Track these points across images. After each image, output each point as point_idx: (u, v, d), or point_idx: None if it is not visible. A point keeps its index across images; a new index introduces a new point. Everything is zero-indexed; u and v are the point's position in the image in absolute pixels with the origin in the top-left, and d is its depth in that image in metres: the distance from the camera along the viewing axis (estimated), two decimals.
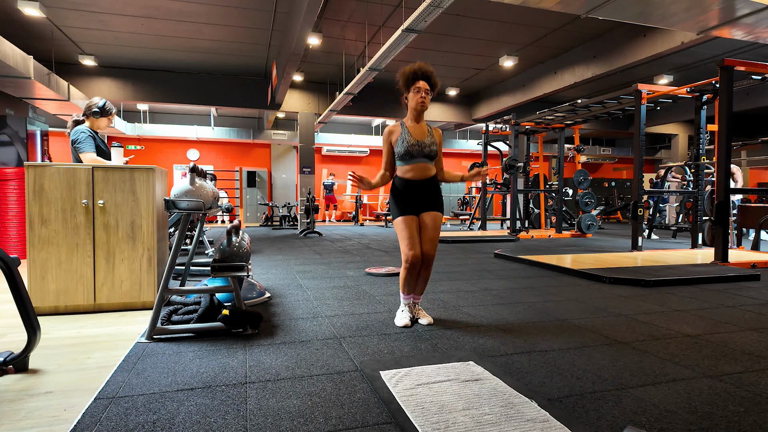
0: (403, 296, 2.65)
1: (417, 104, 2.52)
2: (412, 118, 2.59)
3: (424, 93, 2.51)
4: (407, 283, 2.58)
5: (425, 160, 2.55)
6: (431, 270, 2.67)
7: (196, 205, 2.45)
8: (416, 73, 2.52)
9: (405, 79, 2.54)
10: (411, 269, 2.52)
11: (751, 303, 3.16)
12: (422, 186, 2.57)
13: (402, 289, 2.63)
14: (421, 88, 2.51)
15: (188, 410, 1.53)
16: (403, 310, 2.66)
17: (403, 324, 2.58)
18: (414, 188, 2.56)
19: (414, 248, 2.50)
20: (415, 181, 2.55)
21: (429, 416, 1.47)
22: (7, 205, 5.11)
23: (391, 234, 9.52)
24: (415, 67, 2.53)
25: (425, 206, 2.58)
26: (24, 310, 1.84)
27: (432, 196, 2.59)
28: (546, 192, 10.20)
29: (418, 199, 2.57)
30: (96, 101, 3.31)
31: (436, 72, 2.58)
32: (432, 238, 2.57)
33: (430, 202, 2.59)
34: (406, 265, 2.52)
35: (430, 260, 2.58)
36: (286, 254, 5.86)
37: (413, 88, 2.53)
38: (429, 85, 2.54)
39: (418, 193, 2.56)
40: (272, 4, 7.00)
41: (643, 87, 6.10)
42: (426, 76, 2.52)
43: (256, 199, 15.24)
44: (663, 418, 1.49)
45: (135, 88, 10.33)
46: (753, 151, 15.28)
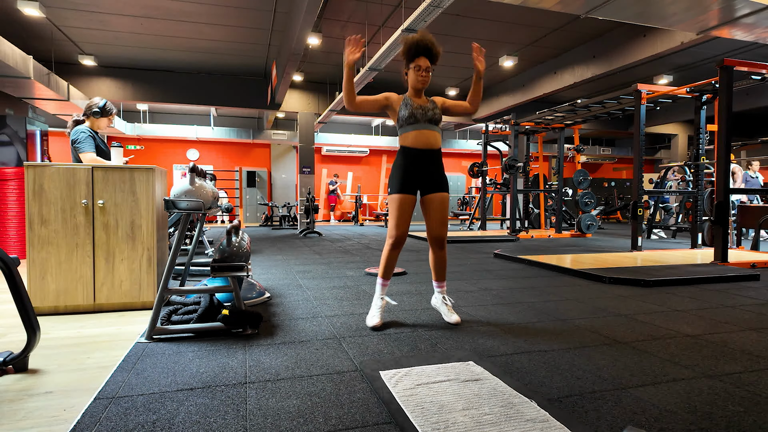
0: (381, 282, 2.55)
1: (417, 82, 2.49)
2: (412, 95, 2.56)
3: (425, 71, 2.48)
4: (387, 264, 2.50)
5: (430, 126, 2.48)
6: (446, 251, 2.61)
7: (196, 205, 2.45)
8: (418, 46, 2.45)
9: (406, 51, 2.48)
10: (395, 247, 2.47)
11: (751, 303, 3.16)
12: (427, 158, 2.49)
13: (381, 273, 2.52)
14: (421, 66, 2.47)
15: (188, 410, 1.53)
16: (377, 305, 2.54)
17: (372, 324, 2.46)
18: (419, 160, 2.48)
19: (402, 227, 2.44)
20: (420, 152, 2.47)
21: (429, 416, 1.47)
22: (7, 205, 5.11)
23: None
24: (417, 38, 2.46)
25: (430, 186, 2.52)
26: (23, 310, 1.84)
27: (436, 174, 2.52)
28: (546, 192, 10.20)
29: (421, 174, 2.49)
30: (96, 101, 3.31)
31: (437, 43, 2.51)
32: (442, 220, 2.52)
33: (435, 181, 2.52)
34: (390, 242, 2.45)
35: (443, 242, 2.54)
36: (286, 254, 5.86)
37: (413, 66, 2.48)
38: (430, 59, 2.49)
39: (423, 166, 2.49)
40: (272, 4, 7.00)
41: (643, 87, 6.10)
42: (427, 48, 2.46)
43: (255, 199, 15.24)
44: (663, 418, 1.49)
45: (135, 88, 10.33)
46: (753, 151, 15.28)
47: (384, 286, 2.58)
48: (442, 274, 2.63)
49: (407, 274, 4.31)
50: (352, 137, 15.60)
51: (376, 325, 2.47)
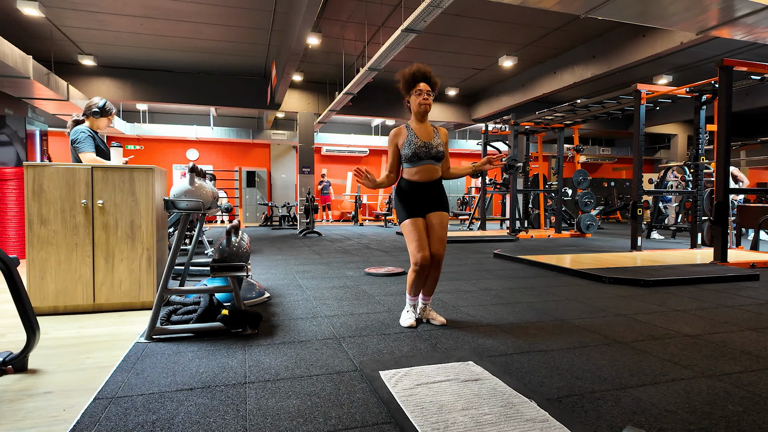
0: (410, 297, 2.64)
1: (420, 106, 2.53)
2: (416, 120, 2.59)
3: (426, 95, 2.52)
4: (415, 285, 2.57)
5: (432, 162, 2.55)
6: (441, 270, 2.66)
7: (196, 205, 2.45)
8: (415, 75, 2.53)
9: (405, 82, 2.55)
10: (420, 272, 2.50)
11: (750, 303, 3.16)
12: (428, 188, 2.57)
13: (409, 291, 2.62)
14: (422, 91, 2.52)
15: (187, 410, 1.53)
16: (408, 310, 2.65)
17: (408, 324, 2.57)
18: (420, 190, 2.56)
19: (423, 250, 2.48)
20: (421, 184, 2.55)
21: (428, 416, 1.47)
22: (7, 205, 5.11)
23: (390, 234, 9.53)
24: (414, 69, 2.54)
25: (431, 207, 2.58)
26: (23, 310, 1.84)
27: (438, 197, 2.59)
28: (545, 192, 10.20)
29: (424, 200, 2.56)
30: (96, 101, 3.31)
31: (434, 72, 2.59)
32: (440, 238, 2.56)
33: (436, 202, 2.58)
34: (415, 268, 2.50)
35: (440, 260, 2.57)
36: (286, 254, 5.86)
37: (414, 91, 2.54)
38: (429, 86, 2.54)
39: (424, 195, 2.56)
40: (272, 4, 7.00)
41: (643, 87, 6.11)
42: (425, 77, 2.53)
43: (255, 199, 15.23)
44: (662, 418, 1.49)
45: (134, 88, 10.32)
46: (752, 151, 15.29)
47: (412, 301, 2.66)
48: (431, 290, 2.68)
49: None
50: (351, 137, 15.59)
51: (411, 324, 2.56)
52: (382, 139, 15.99)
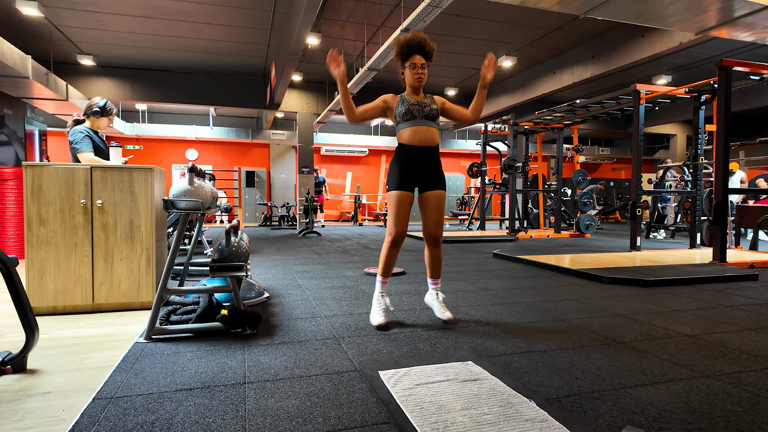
0: (380, 279, 2.55)
1: (414, 81, 2.49)
2: (410, 93, 2.56)
3: (420, 69, 2.48)
4: (387, 261, 2.49)
5: (427, 122, 2.48)
6: (442, 249, 2.63)
7: (195, 205, 2.45)
8: (411, 44, 2.46)
9: (400, 51, 2.49)
10: (393, 244, 2.47)
11: (749, 303, 3.17)
12: (425, 155, 2.48)
13: (380, 270, 2.52)
14: (416, 64, 2.47)
15: (187, 410, 1.53)
16: (379, 301, 2.53)
17: (378, 323, 2.46)
18: (416, 157, 2.48)
19: (400, 225, 2.44)
20: (418, 149, 2.47)
21: (428, 416, 1.47)
22: (6, 205, 5.10)
23: None
24: (409, 37, 2.47)
25: (428, 184, 2.52)
26: (22, 310, 1.84)
27: (434, 171, 2.52)
28: (545, 192, 10.21)
29: (419, 171, 2.49)
30: (96, 101, 3.31)
31: (430, 40, 2.51)
32: (437, 219, 2.52)
33: (433, 178, 2.52)
34: (389, 239, 2.45)
35: (438, 239, 2.55)
36: (285, 254, 5.86)
37: (408, 64, 2.49)
38: (425, 57, 2.49)
39: (421, 163, 2.48)
40: (271, 4, 6.99)
41: (642, 87, 6.11)
42: (420, 47, 2.47)
43: (254, 199, 15.23)
44: (661, 418, 1.49)
45: (134, 88, 10.32)
46: (751, 152, 15.30)
47: (384, 284, 2.58)
48: (437, 272, 2.64)
49: (406, 274, 4.31)
50: (351, 137, 15.59)
51: (381, 323, 2.47)
52: (382, 138, 16.00)
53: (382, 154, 16.92)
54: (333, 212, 16.48)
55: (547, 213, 10.92)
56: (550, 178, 11.01)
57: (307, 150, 11.63)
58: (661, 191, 6.41)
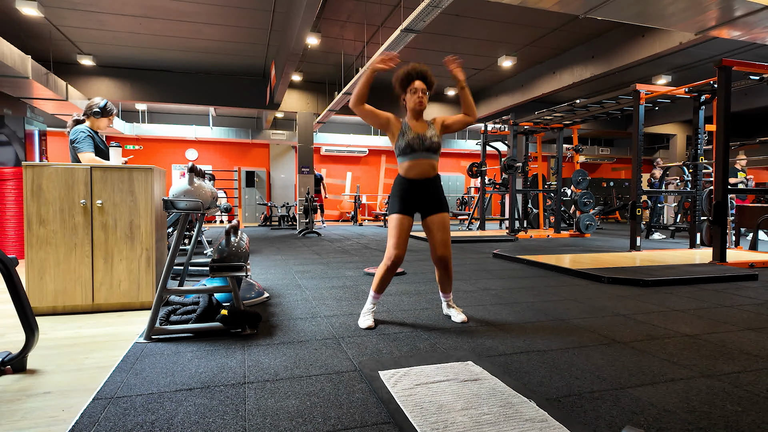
0: (373, 295, 2.60)
1: (415, 104, 2.50)
2: (411, 118, 2.57)
3: (421, 93, 2.49)
4: (381, 282, 2.54)
5: (428, 155, 2.50)
6: (451, 268, 2.64)
7: (195, 205, 2.45)
8: (410, 73, 2.50)
9: (400, 81, 2.52)
10: (391, 268, 2.49)
11: (749, 303, 3.17)
12: (424, 186, 2.53)
13: (374, 287, 2.57)
14: (417, 89, 2.49)
15: (187, 410, 1.53)
16: (369, 309, 2.60)
17: (366, 326, 2.52)
18: (416, 188, 2.52)
19: (399, 248, 2.46)
20: (417, 181, 2.51)
21: (428, 416, 1.47)
22: (5, 205, 5.10)
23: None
24: (409, 68, 2.51)
25: (430, 208, 2.54)
26: (22, 311, 1.84)
27: (435, 197, 2.55)
28: (544, 192, 10.21)
29: (420, 199, 2.53)
30: (97, 101, 3.31)
31: (430, 70, 2.56)
32: (444, 241, 2.55)
33: (434, 203, 2.54)
34: (387, 263, 2.47)
35: (447, 261, 2.57)
36: (285, 254, 5.86)
37: (409, 90, 2.51)
38: (425, 84, 2.51)
39: (420, 193, 2.52)
40: (271, 4, 6.99)
41: (642, 87, 6.11)
42: (421, 75, 2.50)
43: (254, 199, 15.23)
44: (661, 418, 1.49)
45: (133, 88, 10.31)
46: (751, 152, 15.31)
47: (375, 299, 2.62)
48: (447, 288, 2.69)
49: (406, 274, 4.31)
50: (351, 137, 15.59)
51: (370, 326, 2.52)
52: (382, 138, 15.99)
53: (382, 154, 16.91)
54: (333, 212, 16.48)
55: (547, 213, 10.92)
56: (550, 178, 11.01)
57: (307, 150, 11.63)
58: (661, 191, 6.41)
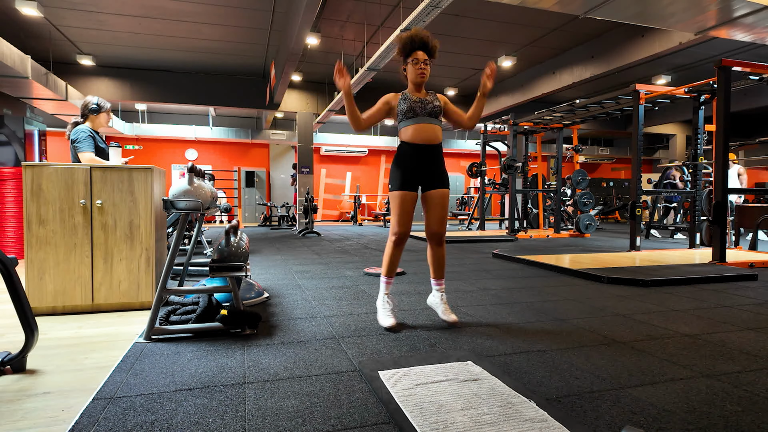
0: (385, 281, 2.52)
1: (416, 76, 2.45)
2: (412, 90, 2.53)
3: (423, 64, 2.45)
4: (391, 261, 2.48)
5: (430, 120, 2.45)
6: (445, 248, 2.60)
7: (195, 205, 2.45)
8: (413, 41, 2.44)
9: (402, 48, 2.47)
10: (398, 243, 2.46)
11: (749, 303, 3.17)
12: (428, 153, 2.45)
13: (384, 270, 2.50)
14: (419, 59, 2.44)
15: (186, 410, 1.53)
16: (385, 303, 2.52)
17: (388, 324, 2.43)
18: (419, 155, 2.44)
19: (405, 225, 2.42)
20: (421, 146, 2.44)
21: (427, 416, 1.47)
22: (5, 204, 5.10)
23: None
24: (412, 33, 2.44)
25: (432, 182, 2.49)
26: (21, 311, 1.84)
27: (437, 170, 2.49)
28: (544, 192, 10.21)
29: (423, 170, 2.46)
30: (90, 99, 3.30)
31: (432, 37, 2.49)
32: (441, 218, 2.50)
33: (436, 177, 2.48)
34: (393, 238, 2.44)
35: (441, 238, 2.52)
36: (285, 254, 5.86)
37: (411, 60, 2.46)
38: (427, 53, 2.47)
39: (424, 162, 2.45)
40: (271, 4, 6.99)
41: (642, 87, 6.11)
42: (423, 43, 2.45)
43: (254, 199, 15.23)
44: (661, 418, 1.49)
45: (133, 88, 10.31)
46: (750, 152, 15.32)
47: (388, 284, 2.56)
48: (440, 272, 2.60)
49: (406, 274, 4.31)
50: (350, 137, 15.59)
51: (392, 325, 2.44)
52: (382, 138, 16.00)
53: (382, 154, 16.91)
54: (332, 212, 16.48)
55: (547, 213, 10.92)
56: (550, 178, 11.01)
57: (307, 150, 11.63)
58: (661, 191, 6.41)
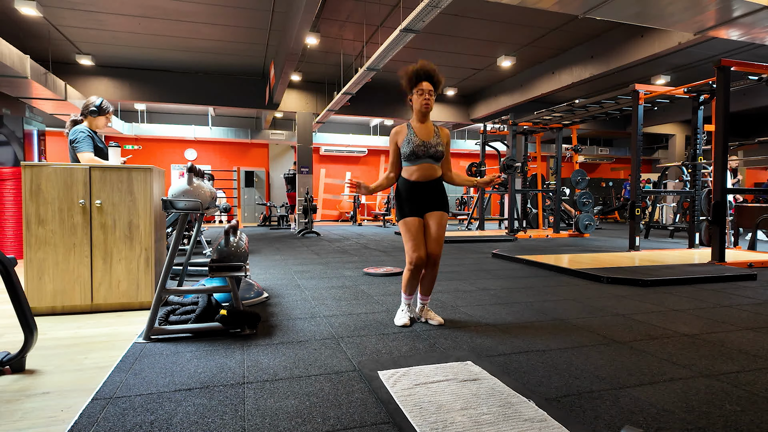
0: (405, 296, 2.64)
1: (421, 106, 2.53)
2: (417, 119, 2.60)
3: (428, 95, 2.52)
4: (410, 284, 2.58)
5: (431, 161, 2.55)
6: (438, 269, 2.66)
7: (194, 205, 2.45)
8: (419, 73, 2.53)
9: (408, 80, 2.56)
10: (415, 271, 2.52)
11: (748, 302, 3.17)
12: (427, 187, 2.56)
13: (404, 290, 2.62)
14: (424, 90, 2.52)
15: (186, 410, 1.53)
16: (403, 309, 2.66)
17: (402, 323, 2.59)
18: (419, 190, 2.56)
19: (418, 250, 2.49)
20: (420, 183, 2.55)
21: (427, 416, 1.47)
22: (4, 204, 5.09)
23: (388, 234, 9.52)
24: (417, 67, 2.54)
25: (430, 207, 2.58)
26: (21, 311, 1.84)
27: (437, 197, 2.59)
28: (544, 192, 10.21)
29: (423, 200, 2.57)
30: (93, 100, 3.30)
31: (438, 70, 2.57)
32: (438, 238, 2.56)
33: (435, 202, 2.58)
34: (410, 267, 2.52)
35: (437, 260, 2.58)
36: (284, 254, 5.86)
37: (416, 90, 2.54)
38: (432, 85, 2.54)
39: (423, 194, 2.56)
40: (270, 4, 6.99)
41: (641, 87, 6.12)
42: (429, 75, 2.53)
43: (254, 198, 15.22)
44: (660, 418, 1.49)
45: (132, 88, 10.30)
46: (750, 152, 15.32)
47: (408, 299, 2.66)
48: (429, 290, 2.68)
49: None
50: (350, 137, 15.58)
51: (405, 323, 2.58)
52: (381, 138, 15.99)
53: (381, 154, 16.91)
54: (332, 212, 16.48)
55: (546, 213, 10.92)
56: (549, 177, 11.01)
57: (306, 150, 11.63)
58: (660, 191, 6.41)
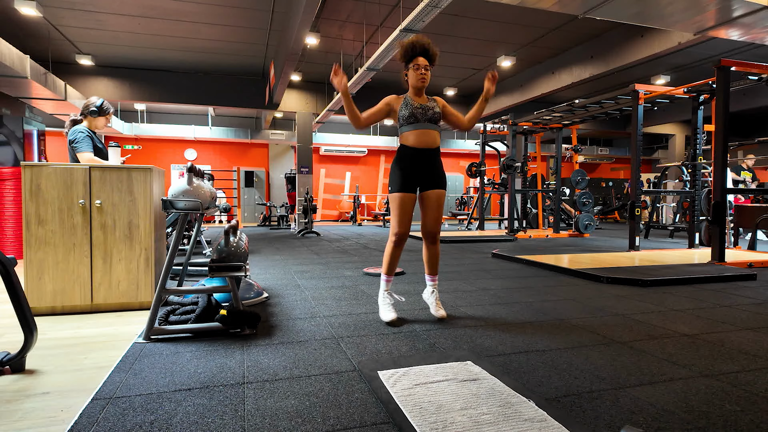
0: (385, 278, 2.60)
1: (417, 81, 2.53)
2: (413, 94, 2.60)
3: (424, 69, 2.52)
4: (391, 261, 2.54)
5: (430, 125, 2.53)
6: (439, 246, 2.68)
7: (194, 205, 2.45)
8: (414, 47, 2.52)
9: (403, 53, 2.55)
10: (397, 244, 2.52)
11: (748, 302, 3.17)
12: (426, 157, 2.53)
13: (385, 269, 2.57)
14: (420, 65, 2.51)
15: (186, 410, 1.53)
16: (385, 298, 2.60)
17: (389, 319, 2.51)
18: (419, 158, 2.52)
19: (403, 226, 2.49)
20: (421, 150, 2.52)
21: (427, 416, 1.47)
22: (4, 204, 5.09)
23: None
24: (413, 40, 2.53)
25: (429, 183, 2.56)
26: (20, 311, 1.84)
27: (436, 172, 2.57)
28: (544, 192, 10.21)
29: (422, 172, 2.54)
30: (93, 100, 3.30)
31: (434, 44, 2.57)
32: (436, 218, 2.58)
33: (434, 178, 2.57)
34: (393, 239, 2.51)
35: (436, 236, 2.59)
36: (284, 254, 5.86)
37: (412, 65, 2.53)
38: (428, 59, 2.54)
39: (423, 164, 2.53)
40: (270, 4, 6.99)
41: (641, 87, 6.12)
42: (424, 49, 2.53)
43: (253, 198, 15.22)
44: (660, 418, 1.49)
45: (132, 88, 10.31)
46: (749, 152, 15.33)
47: (388, 282, 2.64)
48: (434, 268, 2.69)
49: (406, 274, 4.31)
50: (350, 137, 15.59)
51: (392, 320, 2.53)
52: (381, 138, 16.00)
53: (381, 154, 16.91)
54: (332, 212, 16.48)
55: (546, 213, 10.92)
56: (549, 177, 11.01)
57: (306, 150, 11.63)
58: (660, 191, 6.41)
